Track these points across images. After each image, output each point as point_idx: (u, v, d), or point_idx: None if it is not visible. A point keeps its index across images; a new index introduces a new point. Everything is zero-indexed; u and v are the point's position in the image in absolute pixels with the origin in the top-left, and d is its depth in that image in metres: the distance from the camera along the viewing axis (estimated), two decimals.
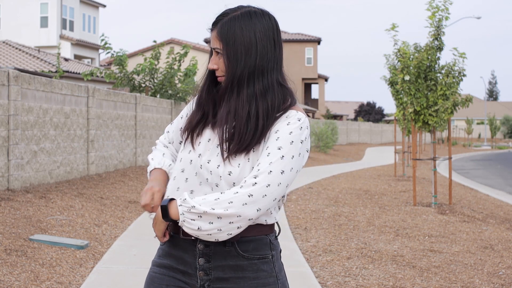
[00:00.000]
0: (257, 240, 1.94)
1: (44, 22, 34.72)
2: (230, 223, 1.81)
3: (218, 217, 1.80)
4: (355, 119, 66.13)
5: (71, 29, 36.05)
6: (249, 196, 1.80)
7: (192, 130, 2.00)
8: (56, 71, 22.73)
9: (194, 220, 1.82)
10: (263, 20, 1.94)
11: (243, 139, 1.89)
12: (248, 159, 1.89)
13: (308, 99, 54.00)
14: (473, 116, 75.40)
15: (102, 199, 9.06)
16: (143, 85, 18.49)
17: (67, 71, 24.26)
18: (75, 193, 9.08)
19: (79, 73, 24.56)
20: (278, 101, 1.92)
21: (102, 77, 19.95)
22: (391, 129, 53.44)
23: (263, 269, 1.94)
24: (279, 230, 2.05)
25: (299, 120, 1.90)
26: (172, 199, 1.88)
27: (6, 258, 5.39)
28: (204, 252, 1.93)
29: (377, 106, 67.96)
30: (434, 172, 10.30)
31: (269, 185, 1.82)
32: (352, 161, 25.94)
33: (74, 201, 8.41)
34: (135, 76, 18.70)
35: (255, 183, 1.81)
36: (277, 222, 2.02)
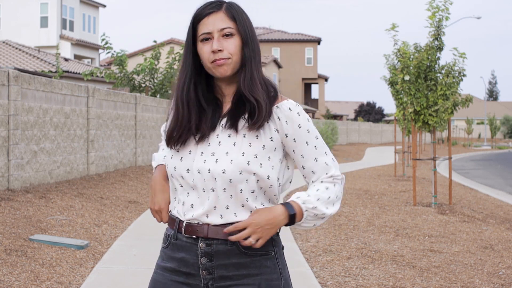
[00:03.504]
0: None
1: (44, 22, 34.71)
2: (322, 218, 1.92)
3: (323, 217, 1.91)
4: (355, 119, 66.12)
5: (71, 29, 36.05)
6: (341, 192, 1.96)
7: (176, 140, 1.96)
8: (56, 71, 22.72)
9: (312, 220, 1.90)
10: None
11: (261, 116, 1.88)
12: (243, 153, 1.88)
13: (308, 99, 54.00)
14: (473, 116, 75.36)
15: (102, 199, 9.06)
16: (143, 85, 18.49)
17: (67, 71, 24.25)
18: (75, 193, 9.08)
19: (79, 73, 24.55)
20: (270, 92, 1.94)
21: (102, 77, 19.96)
22: (391, 129, 53.43)
23: (266, 265, 1.92)
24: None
25: (298, 106, 1.94)
26: (289, 202, 1.90)
27: (6, 258, 5.39)
28: (206, 251, 1.91)
29: (377, 106, 67.95)
30: (434, 172, 10.30)
31: (339, 174, 1.98)
32: (352, 161, 25.94)
33: (74, 201, 8.41)
34: (135, 76, 18.71)
35: (342, 177, 1.96)
36: None
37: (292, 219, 1.87)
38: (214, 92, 1.98)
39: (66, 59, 28.68)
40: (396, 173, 17.05)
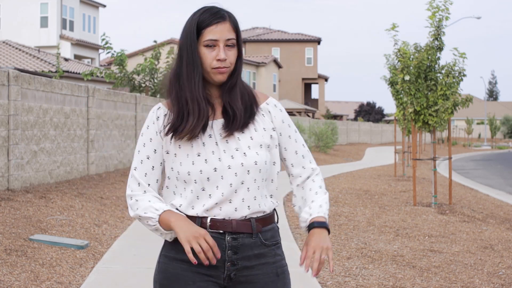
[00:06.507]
0: (272, 229, 2.11)
1: (44, 22, 34.72)
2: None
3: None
4: (355, 119, 66.11)
5: (71, 29, 36.05)
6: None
7: (196, 133, 2.01)
8: (56, 71, 22.72)
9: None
10: None
11: (236, 125, 2.04)
12: (261, 145, 2.05)
13: (308, 99, 54.00)
14: (473, 116, 75.33)
15: (102, 199, 9.06)
16: (143, 85, 18.49)
17: (67, 71, 24.25)
18: (75, 193, 9.08)
19: (79, 73, 24.54)
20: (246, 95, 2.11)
21: (102, 77, 19.96)
22: (391, 129, 53.41)
23: (278, 253, 2.12)
24: (278, 218, 2.19)
25: (279, 103, 2.16)
26: (321, 221, 2.09)
27: (6, 258, 5.39)
28: (232, 244, 2.03)
29: (377, 106, 67.95)
30: (434, 172, 10.30)
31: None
32: (352, 161, 25.94)
33: (74, 201, 8.41)
34: (135, 76, 18.71)
35: (318, 168, 2.27)
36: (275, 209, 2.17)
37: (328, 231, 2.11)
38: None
39: (66, 59, 28.67)
40: (396, 173, 17.05)
